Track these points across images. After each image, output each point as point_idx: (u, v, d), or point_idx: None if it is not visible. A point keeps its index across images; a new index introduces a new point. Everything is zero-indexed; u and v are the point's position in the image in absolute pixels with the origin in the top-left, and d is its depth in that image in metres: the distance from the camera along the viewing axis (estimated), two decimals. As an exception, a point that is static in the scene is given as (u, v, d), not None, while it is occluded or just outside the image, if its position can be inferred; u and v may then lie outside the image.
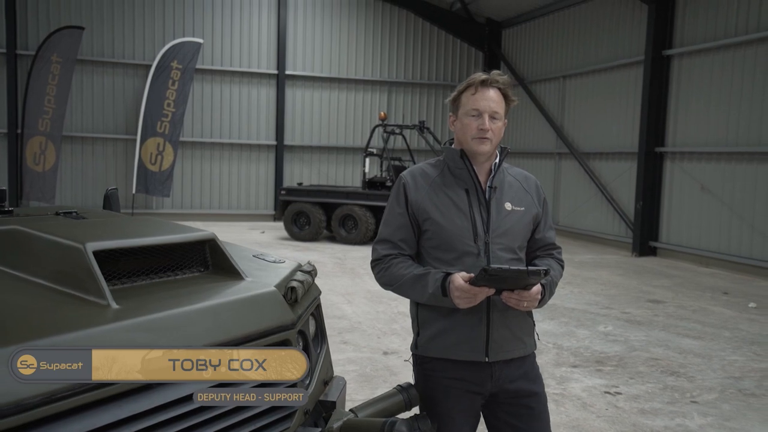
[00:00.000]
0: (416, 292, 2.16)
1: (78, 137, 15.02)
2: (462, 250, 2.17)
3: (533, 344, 2.34)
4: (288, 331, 2.02)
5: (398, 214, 2.25)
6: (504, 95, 2.23)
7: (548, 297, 2.22)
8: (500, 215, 2.22)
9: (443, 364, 2.20)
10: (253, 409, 1.80)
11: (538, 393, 2.29)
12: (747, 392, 4.97)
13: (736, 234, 10.58)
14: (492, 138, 2.20)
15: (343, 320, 6.78)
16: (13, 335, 1.46)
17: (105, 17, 15.02)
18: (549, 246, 2.37)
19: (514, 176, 2.34)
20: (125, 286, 1.88)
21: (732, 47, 10.65)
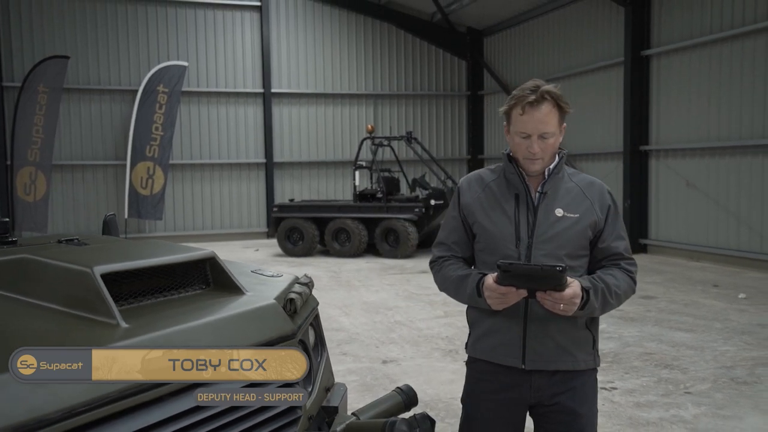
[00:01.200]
0: (460, 294, 2.21)
1: (68, 165, 15.08)
2: (503, 254, 2.14)
3: (590, 360, 2.21)
4: (289, 341, 2.12)
5: (452, 217, 2.31)
6: (556, 106, 2.12)
7: (598, 304, 2.09)
8: (548, 221, 2.16)
9: (485, 365, 2.22)
10: (260, 414, 1.89)
11: (581, 414, 2.17)
12: (739, 381, 5.08)
13: (723, 227, 10.75)
14: (543, 157, 2.14)
15: (341, 332, 6.86)
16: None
17: (90, 45, 15.13)
18: (615, 256, 2.21)
19: (576, 182, 2.24)
20: (132, 306, 1.98)
21: (708, 45, 10.87)
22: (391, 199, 12.88)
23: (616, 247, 2.21)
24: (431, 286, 9.50)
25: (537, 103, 2.07)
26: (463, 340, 6.66)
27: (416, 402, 2.32)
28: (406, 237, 12.25)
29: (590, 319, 2.20)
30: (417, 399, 2.33)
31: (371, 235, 12.75)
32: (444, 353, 6.02)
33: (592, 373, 2.25)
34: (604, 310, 2.15)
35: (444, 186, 13.19)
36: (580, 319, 2.15)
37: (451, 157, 18.23)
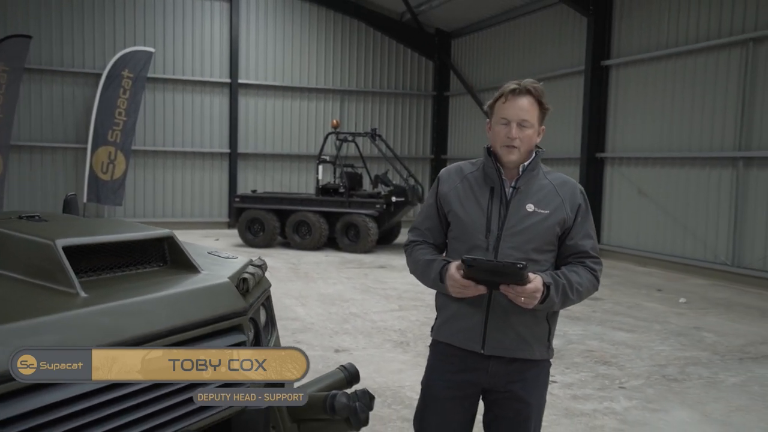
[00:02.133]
0: (425, 278, 2.32)
1: (26, 146, 14.84)
2: (473, 243, 2.26)
3: (544, 352, 2.32)
4: (240, 317, 2.26)
5: (429, 204, 2.42)
6: (537, 102, 2.25)
7: (558, 299, 2.18)
8: (518, 215, 2.25)
9: (446, 348, 2.33)
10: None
11: (530, 404, 2.30)
12: (670, 378, 5.39)
13: (671, 234, 11.19)
14: (520, 146, 2.23)
15: (297, 321, 7.00)
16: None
17: (54, 25, 14.90)
18: (581, 254, 2.30)
19: (550, 180, 2.33)
20: (91, 279, 2.09)
21: (664, 58, 11.29)
22: (353, 195, 13.03)
23: (583, 245, 2.30)
24: (388, 281, 9.70)
25: (520, 93, 2.22)
26: (415, 333, 6.87)
27: (358, 379, 2.49)
28: (366, 232, 12.42)
29: (551, 313, 2.31)
30: (359, 376, 2.49)
31: (332, 229, 12.89)
32: (395, 344, 6.20)
33: (546, 364, 2.36)
34: (564, 305, 2.26)
35: (406, 184, 13.39)
36: (540, 312, 2.24)
37: (415, 155, 18.45)
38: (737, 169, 10.00)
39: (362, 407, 2.25)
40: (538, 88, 2.24)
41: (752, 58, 9.77)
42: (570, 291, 2.21)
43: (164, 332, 1.96)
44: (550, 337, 2.33)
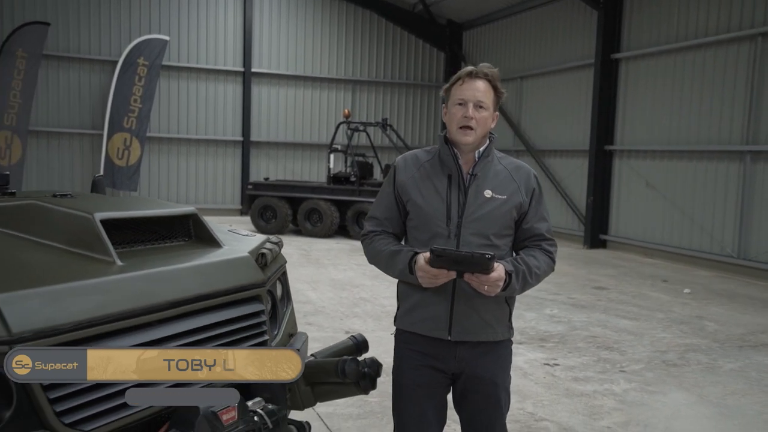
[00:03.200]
0: (390, 268, 2.33)
1: (44, 132, 15.11)
2: (434, 232, 2.27)
3: (506, 332, 2.38)
4: (259, 288, 2.45)
5: (386, 194, 2.41)
6: (492, 86, 2.27)
7: (518, 285, 2.25)
8: (477, 201, 2.28)
9: (413, 337, 2.36)
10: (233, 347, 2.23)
11: (497, 383, 2.36)
12: (670, 363, 5.55)
13: (678, 227, 11.30)
14: (476, 128, 2.25)
15: (308, 305, 7.20)
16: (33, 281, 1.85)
17: (71, 13, 15.13)
18: (537, 237, 2.37)
19: (505, 165, 2.37)
20: (125, 250, 2.28)
21: (674, 52, 11.36)
22: (364, 183, 13.20)
23: (539, 228, 2.36)
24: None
25: (476, 76, 2.26)
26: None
27: (367, 348, 2.67)
28: (376, 221, 12.59)
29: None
30: (368, 346, 2.67)
31: (343, 217, 13.09)
32: (403, 328, 6.39)
33: (508, 344, 2.42)
34: (525, 289, 2.30)
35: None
36: (500, 296, 2.28)
37: (426, 144, 18.51)
38: (744, 163, 10.09)
39: (371, 372, 2.43)
40: (494, 73, 2.28)
41: (761, 53, 9.83)
42: (529, 276, 2.28)
43: (191, 298, 2.16)
44: (510, 318, 2.39)
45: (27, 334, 1.68)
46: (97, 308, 1.88)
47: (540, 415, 4.29)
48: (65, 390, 1.72)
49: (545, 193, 2.48)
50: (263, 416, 2.16)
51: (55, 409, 1.69)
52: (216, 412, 1.98)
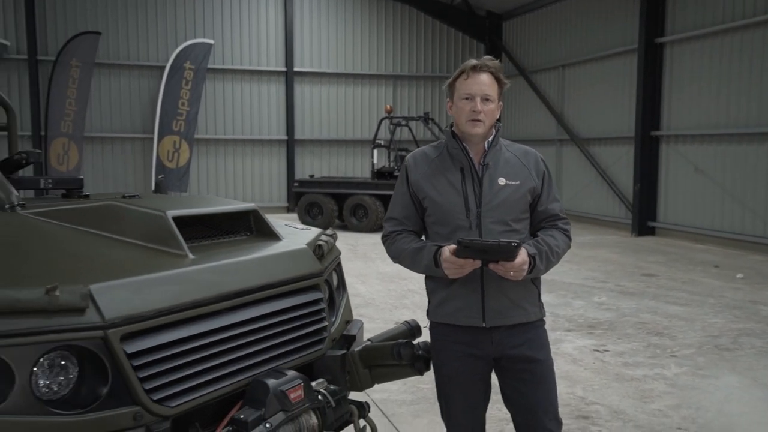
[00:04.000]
0: (416, 265, 2.40)
1: (98, 137, 15.70)
2: (455, 224, 2.34)
3: (537, 312, 2.45)
4: (317, 278, 2.61)
5: (402, 193, 2.49)
6: (496, 78, 2.35)
7: (543, 266, 2.33)
8: (492, 190, 2.35)
9: (448, 328, 2.42)
10: (296, 332, 2.40)
11: (540, 360, 2.41)
12: (722, 347, 5.53)
13: (729, 211, 11.09)
14: (484, 120, 2.32)
15: (358, 297, 7.38)
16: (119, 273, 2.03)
17: (120, 22, 15.66)
18: (552, 217, 2.45)
19: (513, 152, 2.44)
20: (194, 245, 2.46)
21: (720, 33, 11.13)
22: (408, 178, 13.29)
23: (553, 209, 2.45)
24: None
25: (480, 69, 2.33)
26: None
27: (420, 333, 2.79)
28: (421, 214, 12.71)
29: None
30: (421, 331, 2.80)
31: (387, 211, 13.22)
32: (452, 318, 6.50)
33: (541, 323, 2.48)
34: (548, 269, 2.37)
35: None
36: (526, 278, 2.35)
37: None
38: (797, 144, 9.85)
39: (425, 355, 2.56)
40: (497, 65, 2.36)
41: (813, 30, 9.57)
42: (552, 255, 2.36)
43: (256, 288, 2.33)
44: (539, 298, 2.47)
45: (117, 321, 1.86)
46: (174, 297, 2.05)
47: (590, 399, 4.36)
48: (153, 369, 1.91)
49: (591, 182, 2.55)
50: (326, 395, 2.32)
51: (144, 387, 1.88)
52: (284, 391, 2.14)
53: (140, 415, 1.87)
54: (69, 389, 1.83)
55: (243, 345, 2.23)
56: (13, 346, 1.73)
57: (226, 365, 2.15)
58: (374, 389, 4.41)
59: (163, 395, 1.93)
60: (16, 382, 1.73)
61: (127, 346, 1.87)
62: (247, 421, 2.04)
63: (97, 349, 1.84)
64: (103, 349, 1.84)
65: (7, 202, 2.76)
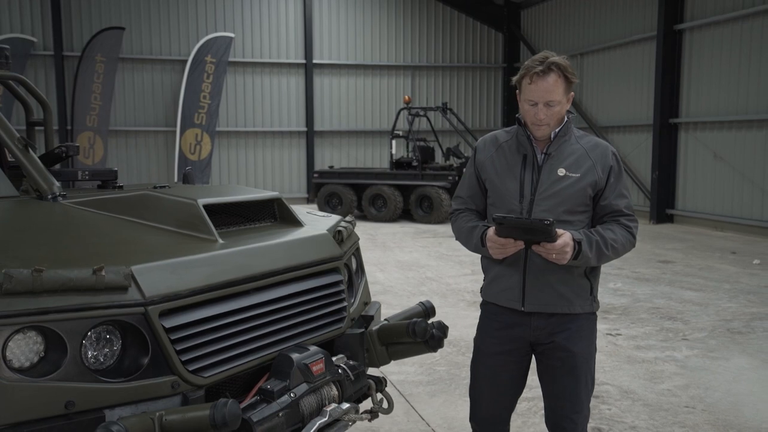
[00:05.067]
0: (469, 243, 2.51)
1: (122, 131, 16.04)
2: (508, 208, 2.40)
3: (586, 305, 2.44)
4: (337, 261, 2.78)
5: (469, 174, 2.57)
6: (563, 77, 2.28)
7: (593, 255, 2.30)
8: (550, 179, 2.37)
9: (493, 307, 2.52)
10: (317, 311, 2.58)
11: (575, 352, 2.42)
12: (734, 331, 5.63)
13: (748, 198, 11.09)
14: (549, 123, 2.34)
15: (377, 285, 7.56)
16: (157, 256, 2.23)
17: (143, 17, 15.95)
18: (616, 213, 2.41)
19: (582, 145, 2.42)
20: (223, 231, 2.65)
21: (740, 20, 11.09)
22: (426, 168, 13.47)
23: (617, 205, 2.40)
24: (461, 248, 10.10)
25: (544, 73, 2.26)
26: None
27: (434, 313, 2.96)
28: (440, 203, 12.87)
29: (590, 269, 2.43)
30: (434, 311, 2.96)
31: (406, 201, 13.41)
32: (468, 304, 6.67)
33: (589, 316, 2.47)
34: (601, 261, 2.36)
35: (477, 155, 13.69)
36: (578, 269, 2.38)
37: (486, 128, 18.64)
38: (817, 130, 9.82)
39: (438, 333, 2.73)
40: (562, 63, 2.28)
41: (833, 15, 9.52)
42: (605, 247, 2.32)
43: (281, 270, 2.51)
44: (593, 292, 2.46)
45: (156, 298, 2.06)
46: (207, 278, 2.24)
47: (601, 379, 4.50)
48: (189, 343, 2.10)
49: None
50: (346, 369, 2.50)
51: (181, 358, 2.07)
52: (307, 364, 2.33)
53: (177, 384, 2.06)
54: (114, 360, 2.03)
55: (269, 322, 2.42)
56: (66, 320, 1.93)
57: (254, 340, 2.33)
58: (393, 371, 4.63)
59: (198, 366, 2.12)
60: (68, 353, 1.93)
61: (165, 322, 2.07)
62: (273, 391, 2.22)
63: (138, 324, 2.03)
64: (143, 324, 2.04)
65: (49, 193, 2.99)
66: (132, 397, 2.00)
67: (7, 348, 1.85)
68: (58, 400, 1.89)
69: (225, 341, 2.23)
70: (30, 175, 3.15)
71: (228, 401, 1.92)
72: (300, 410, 2.26)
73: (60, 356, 1.93)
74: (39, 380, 1.88)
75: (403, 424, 3.87)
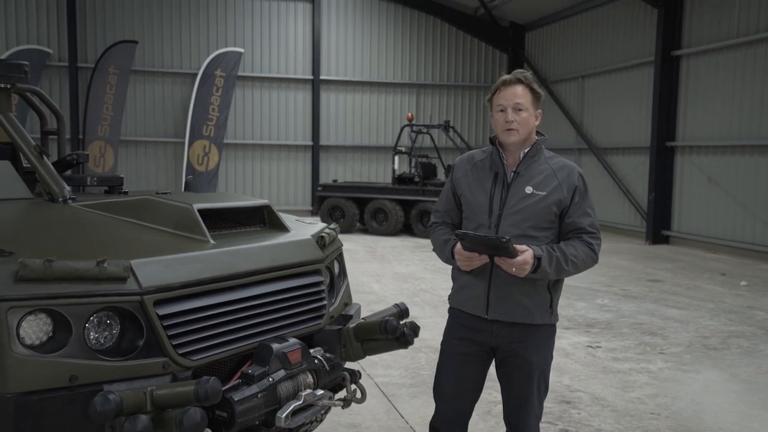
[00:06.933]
0: (442, 255, 2.71)
1: (132, 141, 16.43)
2: (479, 222, 2.58)
3: (545, 317, 2.60)
4: (319, 264, 3.05)
5: (447, 189, 2.76)
6: (529, 89, 2.51)
7: (551, 270, 2.47)
8: (518, 196, 2.54)
9: (459, 313, 2.72)
10: (297, 308, 2.85)
11: (531, 362, 2.58)
12: (710, 347, 5.86)
13: (740, 222, 11.31)
14: (518, 128, 2.50)
15: (372, 295, 7.83)
16: (154, 253, 2.50)
17: (155, 31, 16.40)
18: (579, 230, 2.57)
19: (550, 165, 2.60)
20: (215, 233, 2.93)
21: (735, 47, 11.38)
22: (428, 183, 13.76)
23: (581, 222, 2.58)
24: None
25: (512, 83, 2.52)
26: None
27: (407, 315, 3.22)
28: (439, 219, 13.11)
29: (552, 283, 2.61)
30: (408, 313, 3.22)
31: (407, 216, 13.69)
32: (458, 315, 6.91)
33: (549, 328, 2.65)
34: (561, 275, 2.54)
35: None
36: (541, 282, 2.55)
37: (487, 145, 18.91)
38: (807, 156, 10.05)
39: (409, 331, 2.99)
40: (528, 76, 2.55)
41: (823, 45, 9.78)
42: (564, 263, 2.49)
43: (266, 269, 2.78)
44: (552, 305, 2.62)
45: (151, 289, 2.34)
46: (197, 273, 2.52)
47: (575, 387, 4.74)
48: (180, 330, 2.38)
49: (608, 190, 2.81)
50: (322, 360, 2.77)
51: (172, 342, 2.35)
52: (285, 353, 2.60)
53: (168, 365, 2.34)
54: (113, 341, 2.31)
55: (253, 315, 2.69)
56: (72, 305, 2.21)
57: (238, 330, 2.60)
58: (378, 374, 4.89)
59: (187, 350, 2.39)
60: (73, 333, 2.21)
61: (159, 310, 2.34)
62: (254, 375, 2.49)
63: (135, 311, 2.31)
64: (139, 311, 2.32)
65: (60, 196, 3.29)
66: (127, 375, 2.27)
67: (20, 327, 2.13)
68: (63, 374, 2.16)
69: (212, 330, 2.50)
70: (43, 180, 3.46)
71: (210, 378, 2.19)
72: (277, 393, 2.53)
73: (66, 336, 2.20)
74: (47, 356, 2.16)
75: (384, 421, 4.12)
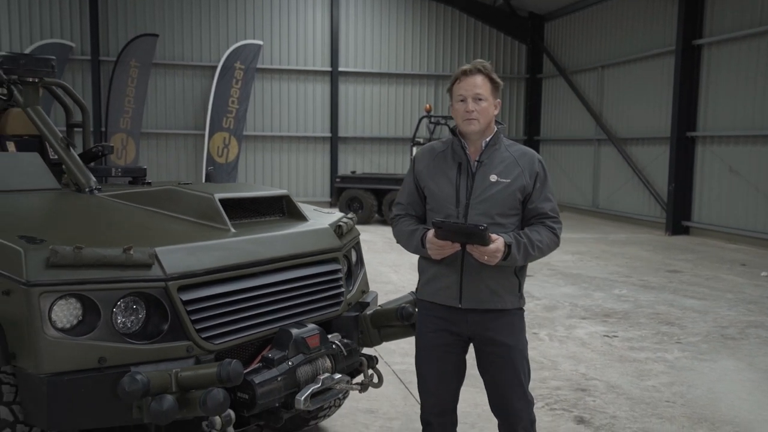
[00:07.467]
0: (409, 245, 2.68)
1: (153, 133, 16.63)
2: (446, 213, 2.58)
3: (515, 301, 2.64)
4: (336, 252, 3.13)
5: (408, 181, 2.76)
6: (489, 79, 2.55)
7: (520, 256, 2.51)
8: (483, 185, 2.57)
9: (431, 305, 2.68)
10: (316, 295, 2.93)
11: (510, 345, 2.61)
12: (728, 336, 5.85)
13: (762, 212, 11.19)
14: (478, 117, 2.53)
15: (390, 285, 7.90)
16: (177, 241, 2.60)
17: (176, 24, 16.55)
18: (541, 215, 2.62)
19: (511, 153, 2.63)
20: (236, 222, 3.02)
21: (757, 36, 11.22)
22: (445, 175, 13.76)
23: (543, 208, 2.62)
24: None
25: (471, 72, 2.54)
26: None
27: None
28: (457, 210, 13.16)
29: (519, 268, 2.64)
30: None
31: (425, 207, 13.71)
32: (475, 304, 6.96)
33: (518, 312, 2.67)
34: (527, 260, 2.58)
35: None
36: (509, 268, 2.58)
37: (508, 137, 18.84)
38: (831, 146, 9.91)
39: (424, 318, 3.06)
40: (487, 66, 2.57)
41: None
42: (531, 248, 2.54)
43: (285, 257, 2.87)
44: (520, 289, 2.66)
45: (176, 275, 2.43)
46: (220, 260, 2.61)
47: (591, 375, 4.78)
48: (203, 315, 2.47)
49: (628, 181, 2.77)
50: (340, 346, 2.85)
51: (195, 327, 2.44)
52: (304, 338, 2.68)
53: (191, 348, 2.43)
54: (139, 325, 2.41)
55: (273, 301, 2.78)
56: (100, 290, 2.31)
57: (259, 316, 2.70)
58: (396, 361, 4.97)
59: (210, 335, 2.49)
60: (102, 318, 2.31)
61: (183, 295, 2.44)
62: (274, 359, 2.58)
63: (160, 296, 2.41)
64: (164, 297, 2.41)
65: (87, 186, 3.40)
66: (153, 357, 2.38)
67: (52, 311, 2.24)
68: (92, 356, 2.27)
69: (234, 315, 2.60)
70: (70, 171, 3.57)
71: (233, 361, 2.28)
72: (296, 377, 2.61)
73: (95, 320, 2.31)
74: (77, 338, 2.27)
75: (401, 407, 4.21)
